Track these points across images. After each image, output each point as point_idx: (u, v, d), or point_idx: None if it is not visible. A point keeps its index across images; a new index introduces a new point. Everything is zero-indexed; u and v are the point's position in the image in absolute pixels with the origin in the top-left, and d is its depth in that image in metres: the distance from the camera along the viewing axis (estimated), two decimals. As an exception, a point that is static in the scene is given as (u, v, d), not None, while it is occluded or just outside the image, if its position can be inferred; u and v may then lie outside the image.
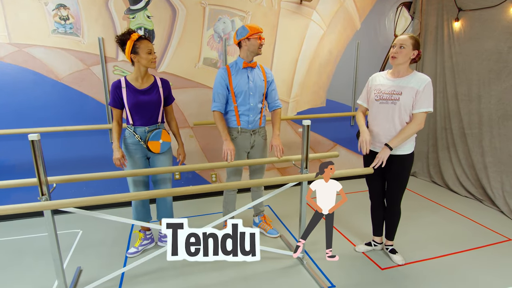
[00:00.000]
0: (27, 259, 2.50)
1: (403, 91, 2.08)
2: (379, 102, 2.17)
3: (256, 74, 2.50)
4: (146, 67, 2.28)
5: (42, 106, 3.04)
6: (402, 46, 2.06)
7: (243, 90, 2.44)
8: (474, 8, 3.39)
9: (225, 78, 2.43)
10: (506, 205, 3.15)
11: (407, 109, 2.10)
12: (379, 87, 2.19)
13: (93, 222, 3.06)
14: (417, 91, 2.05)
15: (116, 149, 2.31)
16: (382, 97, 2.15)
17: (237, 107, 2.48)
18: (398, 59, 2.08)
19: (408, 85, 2.08)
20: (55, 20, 2.92)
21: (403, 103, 2.08)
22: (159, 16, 3.15)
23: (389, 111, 2.13)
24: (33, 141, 1.67)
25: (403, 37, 2.08)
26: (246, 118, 2.50)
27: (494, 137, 3.28)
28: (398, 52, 2.07)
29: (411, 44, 2.05)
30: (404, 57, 2.07)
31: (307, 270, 2.31)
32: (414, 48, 2.06)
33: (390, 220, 2.42)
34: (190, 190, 1.90)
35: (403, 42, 2.06)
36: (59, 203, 1.68)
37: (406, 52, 2.06)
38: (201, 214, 3.25)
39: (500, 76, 3.19)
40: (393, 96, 2.10)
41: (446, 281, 2.20)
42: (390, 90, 2.13)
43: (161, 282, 2.22)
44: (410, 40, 2.06)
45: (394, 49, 2.09)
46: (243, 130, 2.52)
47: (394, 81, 2.13)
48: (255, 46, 2.39)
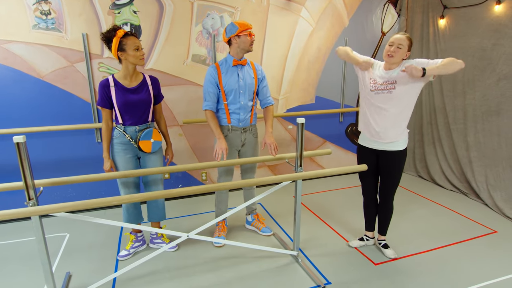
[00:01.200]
0: (12, 265, 2.39)
1: (397, 79, 2.11)
2: (374, 93, 2.19)
3: (246, 72, 2.47)
4: (134, 64, 2.21)
5: (23, 105, 2.91)
6: (400, 46, 2.08)
7: (233, 89, 2.40)
8: (459, 6, 3.45)
9: (215, 77, 2.39)
10: (490, 198, 3.25)
11: (404, 95, 2.11)
12: (376, 78, 2.20)
13: (80, 224, 2.96)
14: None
15: (106, 159, 2.26)
16: (377, 87, 2.17)
17: (227, 105, 2.45)
18: (395, 58, 2.11)
19: (400, 74, 2.10)
20: (36, 15, 2.79)
21: (398, 92, 2.10)
22: (145, 12, 3.06)
23: (384, 100, 2.15)
24: (19, 143, 1.59)
25: (401, 37, 2.09)
26: (236, 116, 2.47)
27: (478, 132, 3.37)
28: (395, 51, 2.09)
29: (407, 45, 2.09)
30: (400, 57, 2.11)
31: (302, 267, 2.31)
32: (409, 49, 2.11)
33: (383, 215, 2.45)
34: (184, 192, 1.86)
35: (401, 42, 2.08)
36: (48, 208, 1.61)
37: (402, 52, 2.10)
38: (192, 214, 3.21)
39: (484, 72, 3.27)
40: (388, 86, 2.13)
41: (437, 273, 2.25)
42: (384, 81, 2.16)
43: (155, 285, 2.17)
44: (407, 41, 2.09)
45: (392, 48, 2.10)
46: (234, 128, 2.49)
47: (387, 73, 2.17)
48: (245, 43, 2.35)
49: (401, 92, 2.10)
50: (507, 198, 3.11)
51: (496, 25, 3.12)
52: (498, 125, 3.19)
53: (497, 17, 3.12)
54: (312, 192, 3.67)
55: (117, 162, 2.31)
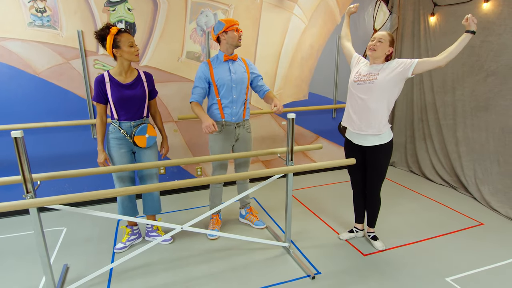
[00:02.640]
0: (10, 259, 2.44)
1: (380, 72, 2.21)
2: (356, 84, 2.28)
3: (238, 66, 2.54)
4: (129, 60, 2.26)
5: (19, 102, 2.95)
6: (381, 40, 2.18)
7: (225, 83, 2.46)
8: (448, 3, 3.52)
9: (206, 73, 2.45)
10: (478, 191, 3.34)
11: (384, 89, 2.18)
12: (360, 71, 2.32)
13: (77, 219, 3.02)
14: (395, 67, 2.16)
15: (100, 152, 2.31)
16: (360, 78, 2.27)
17: (220, 100, 2.50)
18: (377, 52, 2.20)
19: (384, 67, 2.21)
20: (31, 12, 2.82)
21: (380, 81, 2.18)
22: (140, 9, 3.10)
23: (365, 91, 2.23)
24: (16, 138, 1.64)
25: (382, 32, 2.22)
26: (229, 110, 2.52)
27: (467, 127, 3.45)
28: (377, 45, 2.19)
29: (388, 41, 2.19)
30: (382, 51, 2.19)
31: (293, 258, 2.39)
32: (390, 44, 2.21)
33: (371, 208, 2.53)
34: (178, 184, 1.92)
35: (381, 37, 2.19)
36: (45, 200, 1.66)
37: (383, 46, 2.19)
38: (187, 208, 3.27)
39: (472, 69, 3.35)
40: (371, 77, 2.22)
41: (423, 263, 2.33)
42: (368, 72, 2.26)
43: (151, 276, 2.23)
44: (388, 37, 2.20)
45: (373, 42, 2.21)
46: (227, 123, 2.55)
47: (371, 67, 2.27)
48: (234, 39, 2.42)
49: (382, 83, 2.18)
50: (494, 191, 3.19)
51: (484, 23, 3.19)
52: (486, 121, 3.27)
53: (485, 15, 3.18)
54: (305, 187, 3.74)
55: (112, 157, 2.36)
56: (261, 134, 3.81)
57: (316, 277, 2.20)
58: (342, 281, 2.17)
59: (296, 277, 2.20)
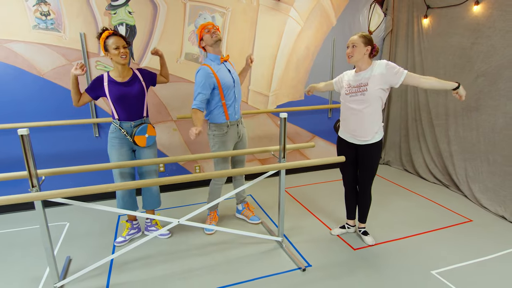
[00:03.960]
0: (17, 251, 2.56)
1: (368, 81, 2.28)
2: (349, 96, 2.35)
3: (230, 65, 2.64)
4: (117, 62, 2.33)
5: (24, 101, 3.07)
6: (354, 45, 2.26)
7: (229, 84, 2.55)
8: (441, 6, 3.61)
9: (212, 77, 2.46)
10: (469, 189, 3.42)
11: (376, 97, 2.28)
12: (348, 83, 2.39)
13: (80, 214, 3.13)
14: (382, 75, 2.24)
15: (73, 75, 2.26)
16: (351, 90, 2.35)
17: (225, 102, 2.57)
18: (354, 57, 2.28)
19: (372, 74, 2.28)
20: (35, 15, 2.94)
21: (371, 91, 2.26)
22: (140, 12, 3.21)
23: (359, 102, 2.32)
24: (23, 135, 1.75)
25: (354, 37, 2.28)
26: (232, 110, 2.62)
27: (459, 127, 3.54)
28: (352, 51, 2.27)
29: (362, 42, 2.24)
30: (358, 54, 2.27)
31: (286, 252, 2.49)
32: (366, 44, 2.25)
33: (362, 204, 2.62)
34: (175, 180, 2.02)
35: (354, 41, 2.26)
36: (49, 193, 1.77)
37: (358, 50, 2.25)
38: (186, 205, 3.38)
39: (463, 70, 3.44)
40: (361, 88, 2.30)
41: (411, 257, 2.42)
42: (357, 83, 2.33)
43: (150, 267, 2.34)
44: (360, 39, 2.25)
45: (348, 49, 2.28)
46: (232, 123, 2.64)
47: (359, 75, 2.34)
48: (209, 39, 2.49)
49: (373, 93, 2.26)
50: (484, 189, 3.28)
51: (475, 25, 3.28)
52: (476, 121, 3.36)
53: (475, 17, 3.27)
54: (300, 185, 3.85)
55: (113, 155, 2.48)
56: (258, 134, 3.91)
57: (306, 270, 2.30)
58: (331, 273, 2.27)
59: (288, 269, 2.30)
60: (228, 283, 2.18)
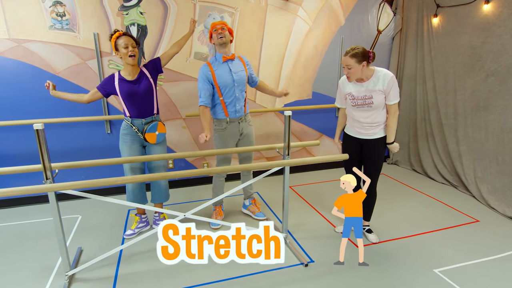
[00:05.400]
0: (31, 241, 2.69)
1: (373, 94, 2.32)
2: (356, 108, 2.42)
3: (236, 65, 2.69)
4: (127, 63, 2.43)
5: (40, 99, 3.20)
6: (348, 67, 2.27)
7: (228, 83, 2.61)
8: (451, 4, 3.58)
9: (208, 75, 2.59)
10: (478, 190, 3.39)
11: (382, 106, 2.36)
12: (352, 94, 2.41)
13: (91, 208, 3.25)
14: (384, 90, 2.30)
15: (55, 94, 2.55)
16: (357, 103, 2.39)
17: (223, 100, 2.65)
18: (352, 77, 2.31)
19: (375, 88, 2.31)
20: (52, 16, 3.06)
21: (377, 104, 2.33)
22: (151, 13, 3.30)
23: (367, 113, 2.39)
24: (38, 130, 1.85)
25: (346, 58, 2.25)
26: (233, 108, 2.68)
27: (468, 126, 3.51)
28: (349, 73, 2.29)
29: (355, 63, 2.23)
30: (355, 74, 2.29)
31: (289, 247, 2.53)
32: (360, 62, 2.24)
33: (367, 202, 2.63)
34: (182, 174, 2.09)
35: (347, 63, 2.26)
36: (62, 185, 1.87)
37: (355, 71, 2.27)
38: (194, 200, 3.46)
39: (473, 69, 3.40)
40: (367, 101, 2.35)
41: (414, 256, 2.44)
42: (362, 95, 2.36)
43: (156, 259, 2.37)
44: (352, 60, 2.23)
45: (344, 70, 2.31)
46: (232, 120, 2.71)
47: (362, 86, 2.36)
48: (216, 40, 2.61)
49: (378, 102, 2.33)
50: (493, 190, 3.25)
51: (485, 24, 3.25)
52: (486, 120, 3.33)
53: (485, 16, 3.24)
54: (306, 183, 3.88)
55: (124, 151, 2.58)
56: (265, 132, 3.96)
57: (309, 265, 2.34)
58: (333, 269, 2.30)
59: (290, 264, 2.35)
60: (231, 276, 2.24)
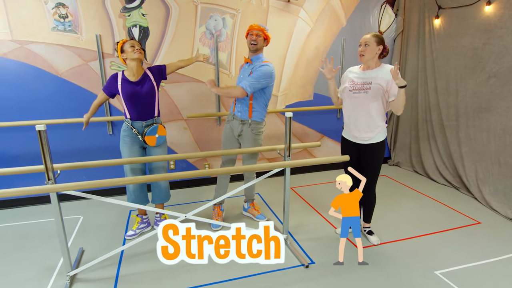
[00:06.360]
0: (33, 241, 2.70)
1: (373, 81, 2.31)
2: (352, 93, 2.39)
3: (247, 69, 2.71)
4: (131, 59, 2.46)
5: (43, 100, 3.22)
6: (366, 44, 2.29)
7: (239, 82, 2.70)
8: (452, 6, 3.58)
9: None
10: (479, 191, 3.38)
11: (378, 96, 2.32)
12: (353, 79, 2.42)
13: (93, 209, 3.26)
14: (387, 80, 2.27)
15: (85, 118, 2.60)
16: (355, 87, 2.38)
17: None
18: (366, 56, 2.31)
19: (378, 76, 2.31)
20: (54, 18, 3.08)
21: (374, 90, 2.30)
22: (153, 14, 3.32)
23: (362, 100, 2.35)
24: (40, 131, 1.86)
25: (367, 36, 2.31)
26: (238, 107, 2.73)
27: (470, 128, 3.50)
28: (364, 50, 2.30)
29: (374, 42, 2.28)
30: (370, 53, 2.30)
31: (290, 249, 2.53)
32: (378, 44, 2.29)
33: (367, 204, 2.64)
34: (182, 175, 2.10)
35: (367, 40, 2.30)
36: (64, 185, 1.88)
37: (371, 49, 2.29)
38: (195, 201, 3.46)
39: (475, 71, 3.40)
40: (365, 86, 2.33)
41: (415, 257, 2.43)
42: (362, 81, 2.36)
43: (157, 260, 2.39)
44: (373, 38, 2.29)
45: (361, 47, 2.32)
46: (235, 117, 2.75)
47: (365, 74, 2.37)
48: (248, 44, 2.68)
49: (376, 92, 2.30)
50: (495, 192, 3.24)
51: (487, 25, 3.25)
52: (487, 122, 3.32)
53: (487, 17, 3.24)
54: (307, 185, 3.88)
55: (124, 152, 2.59)
56: (267, 133, 3.96)
57: (309, 266, 2.34)
58: (333, 270, 2.30)
59: (291, 266, 2.35)
60: (232, 276, 2.24)
